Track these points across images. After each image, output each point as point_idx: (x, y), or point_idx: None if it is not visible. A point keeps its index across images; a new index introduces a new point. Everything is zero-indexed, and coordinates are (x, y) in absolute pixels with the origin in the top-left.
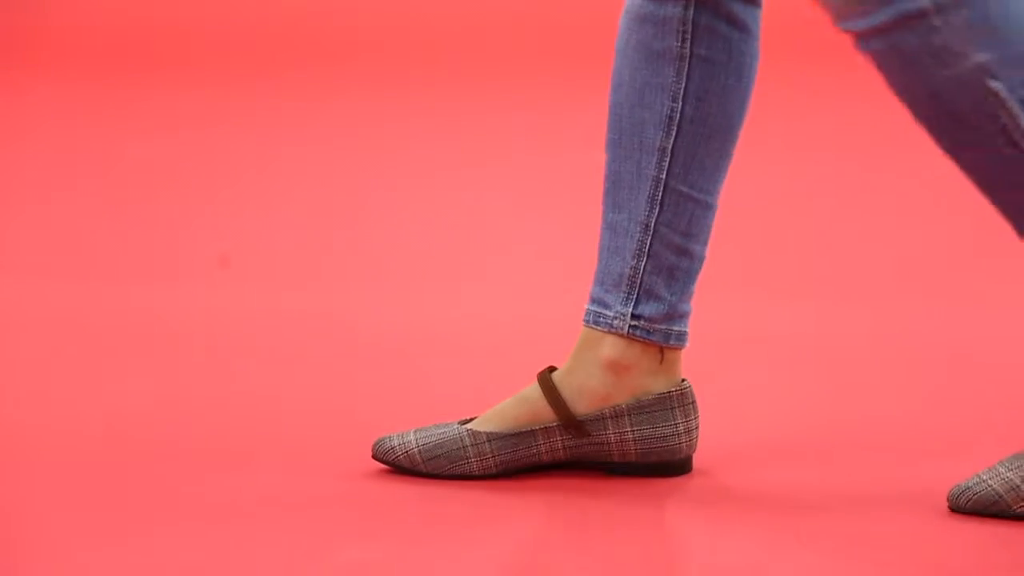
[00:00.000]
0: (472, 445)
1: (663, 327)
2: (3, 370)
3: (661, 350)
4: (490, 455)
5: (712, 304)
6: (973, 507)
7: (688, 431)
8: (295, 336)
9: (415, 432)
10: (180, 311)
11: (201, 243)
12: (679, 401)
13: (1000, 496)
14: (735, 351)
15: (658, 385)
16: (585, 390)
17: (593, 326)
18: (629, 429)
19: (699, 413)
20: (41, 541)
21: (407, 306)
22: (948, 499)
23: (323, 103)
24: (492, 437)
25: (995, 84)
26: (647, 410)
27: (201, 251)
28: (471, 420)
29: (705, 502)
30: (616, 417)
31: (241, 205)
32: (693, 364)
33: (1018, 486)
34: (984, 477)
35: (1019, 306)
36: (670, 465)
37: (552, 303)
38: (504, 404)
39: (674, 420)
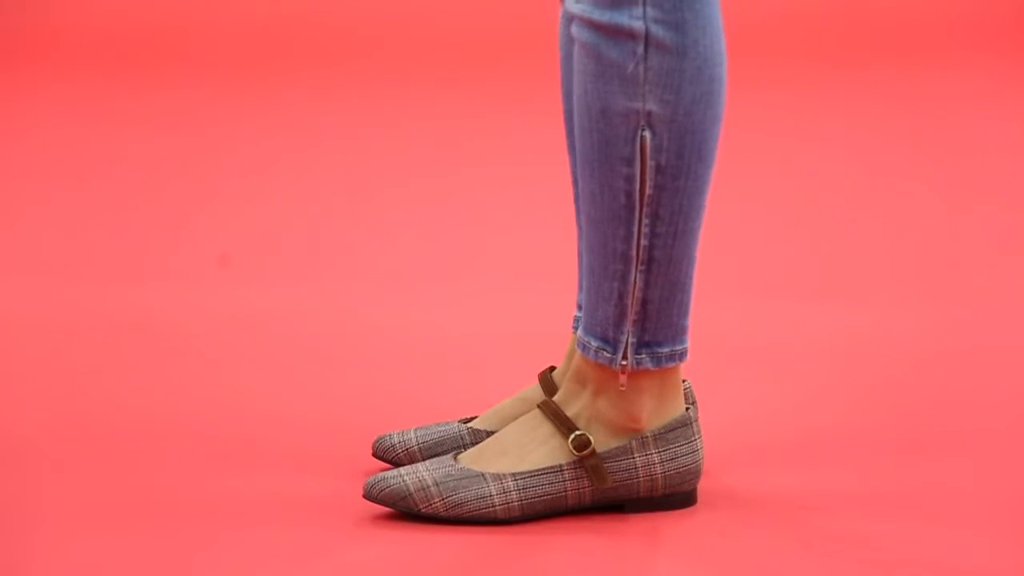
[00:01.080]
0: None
1: None
2: (3, 370)
3: None
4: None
5: (713, 305)
6: (384, 498)
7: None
8: (295, 336)
9: (416, 430)
10: (180, 311)
11: (201, 243)
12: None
13: (410, 493)
14: (735, 352)
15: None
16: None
17: None
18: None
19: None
20: (41, 541)
21: (407, 305)
22: (364, 487)
23: (323, 103)
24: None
25: (647, 136)
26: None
27: (201, 251)
28: (472, 419)
29: (706, 503)
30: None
31: (241, 205)
32: (694, 364)
33: (428, 486)
34: (402, 472)
35: (1020, 306)
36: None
37: (553, 302)
38: (503, 404)
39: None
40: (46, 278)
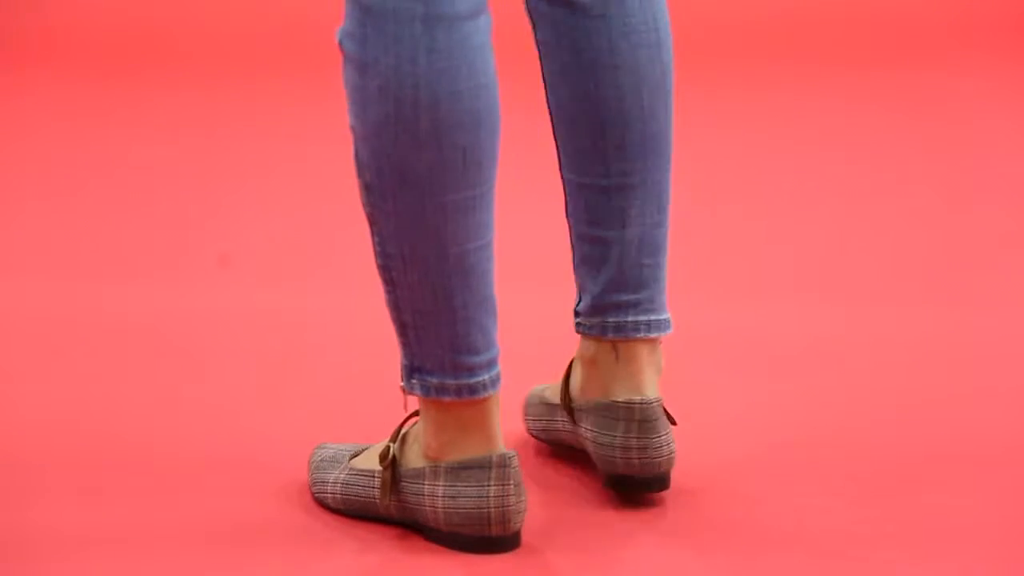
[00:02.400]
0: None
1: (596, 320)
2: (3, 370)
3: (613, 344)
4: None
5: (712, 304)
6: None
7: (630, 448)
8: (295, 336)
9: None
10: (180, 311)
11: (201, 243)
12: (624, 415)
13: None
14: (735, 352)
15: (619, 387)
16: (579, 382)
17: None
18: (585, 428)
19: (670, 429)
20: (41, 541)
21: None
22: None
23: (323, 103)
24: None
25: (355, 151)
26: (600, 413)
27: (201, 251)
28: None
29: (706, 503)
30: (586, 412)
31: (241, 205)
32: (695, 364)
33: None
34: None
35: (1020, 306)
36: (647, 480)
37: (553, 302)
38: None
39: (613, 432)
40: (46, 278)
